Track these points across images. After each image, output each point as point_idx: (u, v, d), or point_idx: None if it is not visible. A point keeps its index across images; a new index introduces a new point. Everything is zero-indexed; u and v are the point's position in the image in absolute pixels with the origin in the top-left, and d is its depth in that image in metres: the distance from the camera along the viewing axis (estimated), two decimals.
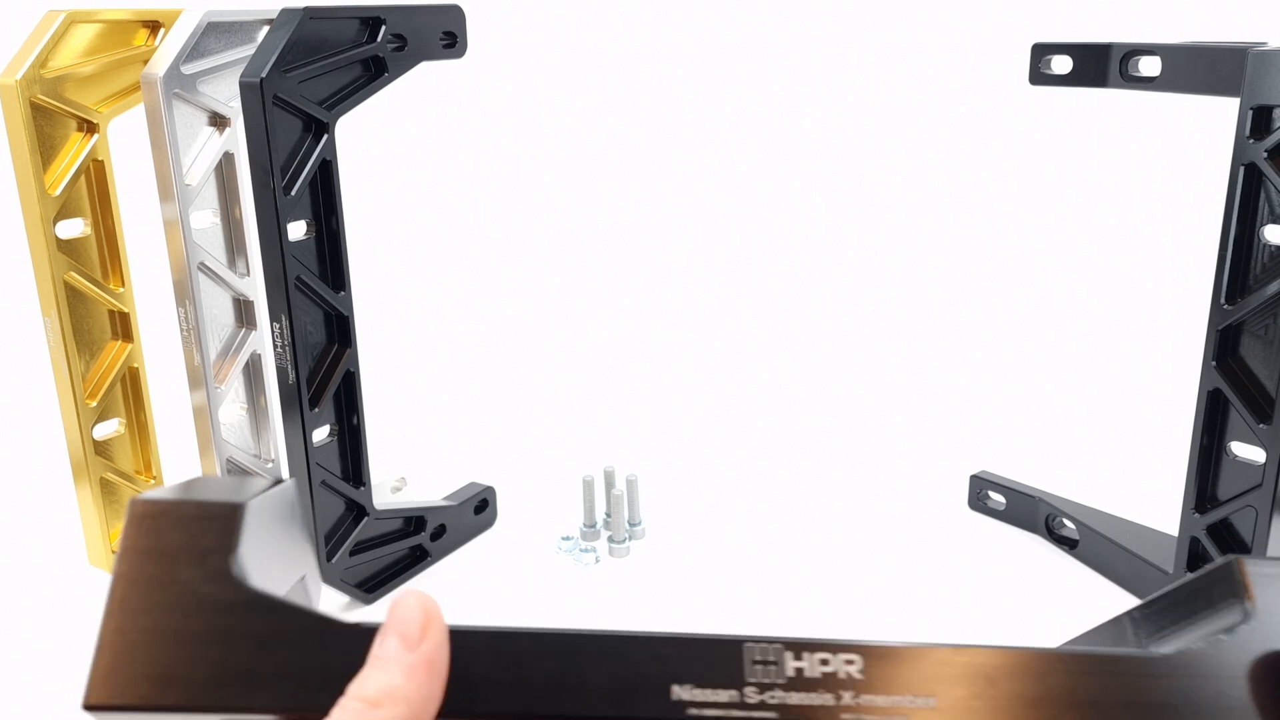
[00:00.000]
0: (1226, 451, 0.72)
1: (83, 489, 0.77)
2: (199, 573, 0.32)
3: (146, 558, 0.32)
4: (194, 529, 0.32)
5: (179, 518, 0.33)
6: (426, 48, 0.77)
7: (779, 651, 0.33)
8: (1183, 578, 0.36)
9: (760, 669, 0.32)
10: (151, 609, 0.32)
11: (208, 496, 0.34)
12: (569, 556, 0.87)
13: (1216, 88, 0.68)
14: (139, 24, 0.74)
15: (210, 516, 0.33)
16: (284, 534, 0.38)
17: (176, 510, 0.33)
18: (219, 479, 0.40)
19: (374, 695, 0.30)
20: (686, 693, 0.32)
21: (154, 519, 0.33)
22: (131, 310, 0.77)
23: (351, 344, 0.78)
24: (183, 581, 0.32)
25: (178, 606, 0.32)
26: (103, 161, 0.74)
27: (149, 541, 0.32)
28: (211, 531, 0.32)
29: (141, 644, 0.32)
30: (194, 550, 0.32)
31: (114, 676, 0.31)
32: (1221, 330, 0.69)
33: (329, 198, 0.74)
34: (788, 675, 0.32)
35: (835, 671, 0.32)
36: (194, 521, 0.33)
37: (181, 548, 0.32)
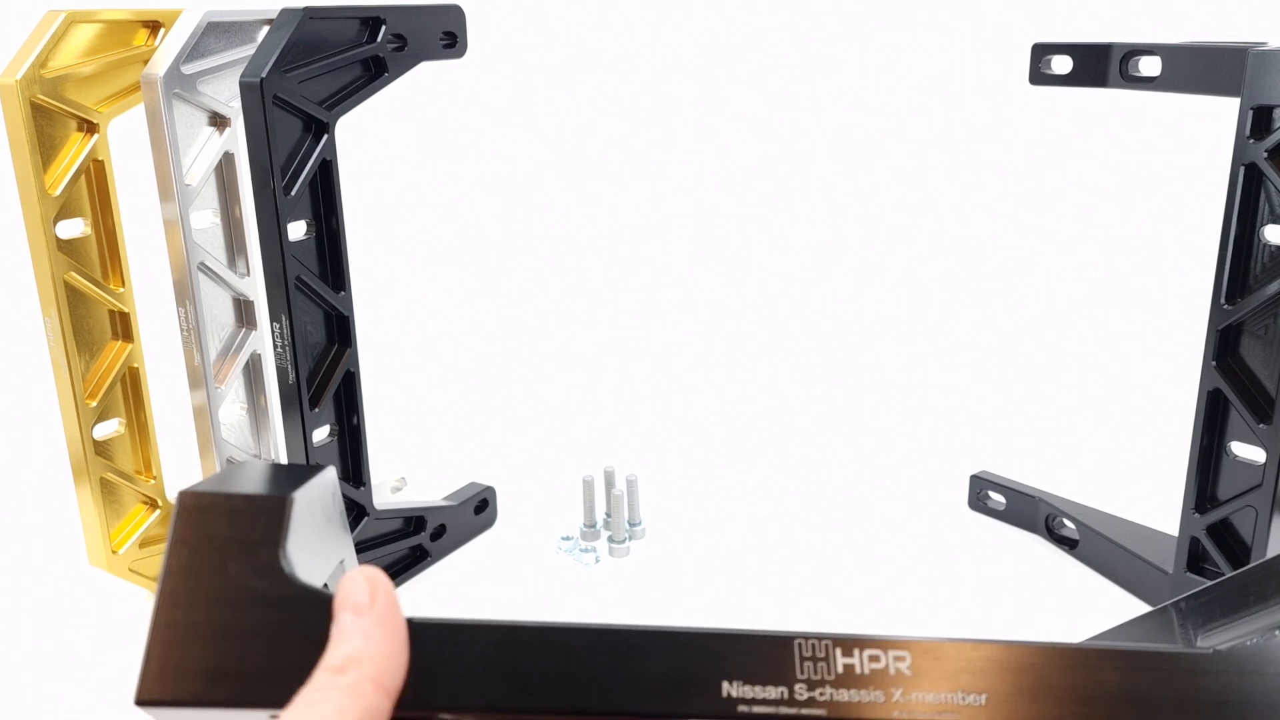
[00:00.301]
0: (1226, 451, 0.72)
1: (83, 489, 0.77)
2: (248, 566, 0.32)
3: (195, 551, 0.32)
4: (242, 522, 0.33)
5: (227, 511, 0.33)
6: (426, 48, 0.77)
7: (829, 648, 0.33)
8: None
9: (810, 665, 0.32)
10: (201, 603, 0.32)
11: (254, 488, 0.34)
12: (569, 556, 0.87)
13: (1216, 88, 0.68)
14: (139, 24, 0.74)
15: (258, 510, 0.33)
16: (325, 521, 0.38)
17: (225, 504, 0.33)
18: (262, 465, 0.40)
19: (338, 663, 0.31)
20: (736, 689, 0.32)
21: (202, 512, 0.33)
22: (131, 310, 0.77)
23: (351, 344, 0.78)
24: (232, 575, 0.32)
25: (227, 600, 0.32)
26: (103, 161, 0.73)
27: (197, 534, 0.32)
28: (260, 525, 0.33)
29: (192, 638, 0.31)
30: (243, 543, 0.32)
31: (165, 672, 0.31)
32: (1221, 330, 0.69)
33: (329, 198, 0.74)
34: (837, 672, 0.32)
35: (885, 668, 0.32)
36: (242, 515, 0.33)
37: (230, 540, 0.32)
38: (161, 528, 0.82)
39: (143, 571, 0.80)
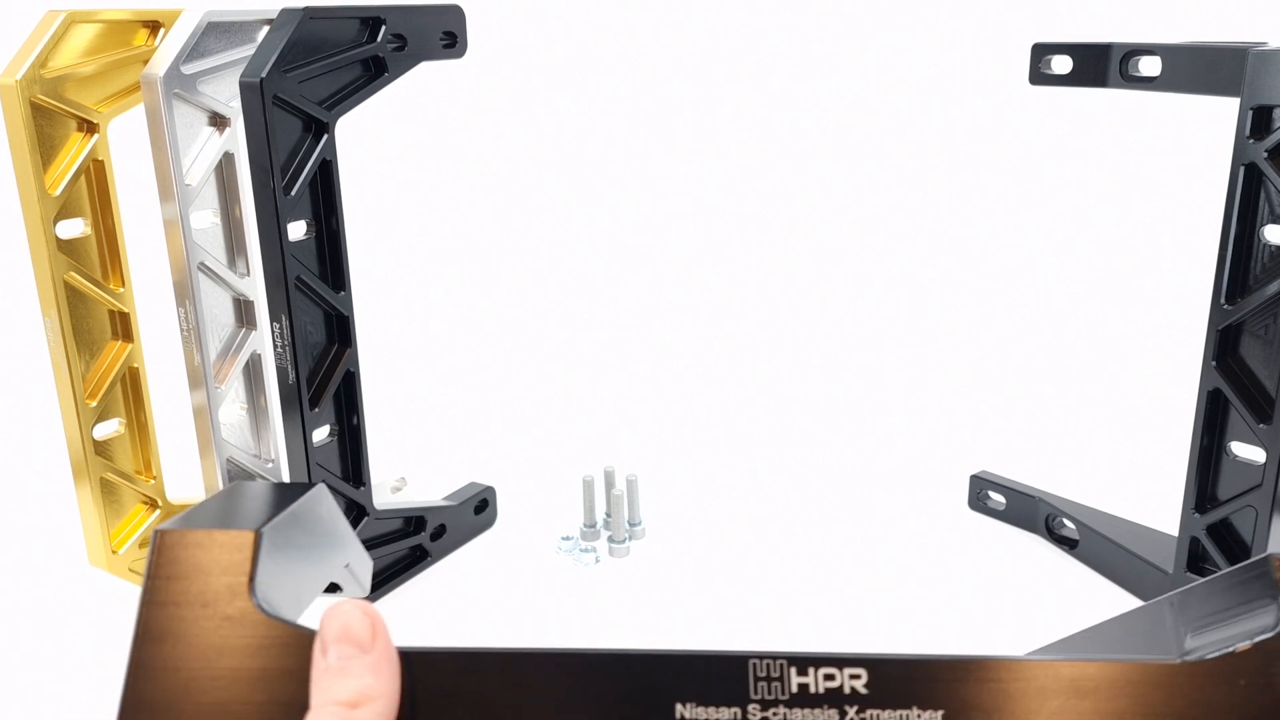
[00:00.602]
0: (1226, 451, 0.72)
1: (83, 489, 0.77)
2: (220, 604, 0.33)
3: (169, 588, 0.33)
4: (213, 558, 0.33)
5: (198, 547, 0.34)
6: (426, 48, 0.77)
7: (783, 667, 0.32)
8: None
9: (764, 685, 0.32)
10: (175, 642, 0.32)
11: (228, 521, 0.35)
12: (569, 556, 0.87)
13: (1216, 88, 0.68)
14: (139, 24, 0.74)
15: (226, 546, 0.34)
16: (316, 537, 0.38)
17: (195, 540, 0.34)
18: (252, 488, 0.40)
19: (351, 697, 0.31)
20: (690, 710, 0.32)
21: (175, 549, 0.34)
22: (131, 310, 0.77)
23: (351, 344, 0.78)
24: (205, 615, 0.33)
25: (200, 641, 0.32)
26: (103, 161, 0.73)
27: (170, 571, 0.33)
28: (229, 561, 0.33)
29: (166, 684, 0.32)
30: (214, 581, 0.33)
31: (142, 710, 0.32)
32: (1221, 330, 0.69)
33: (329, 198, 0.74)
34: (791, 691, 0.32)
35: (840, 686, 0.32)
36: (213, 551, 0.34)
37: (203, 578, 0.33)
38: None
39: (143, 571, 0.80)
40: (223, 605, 0.33)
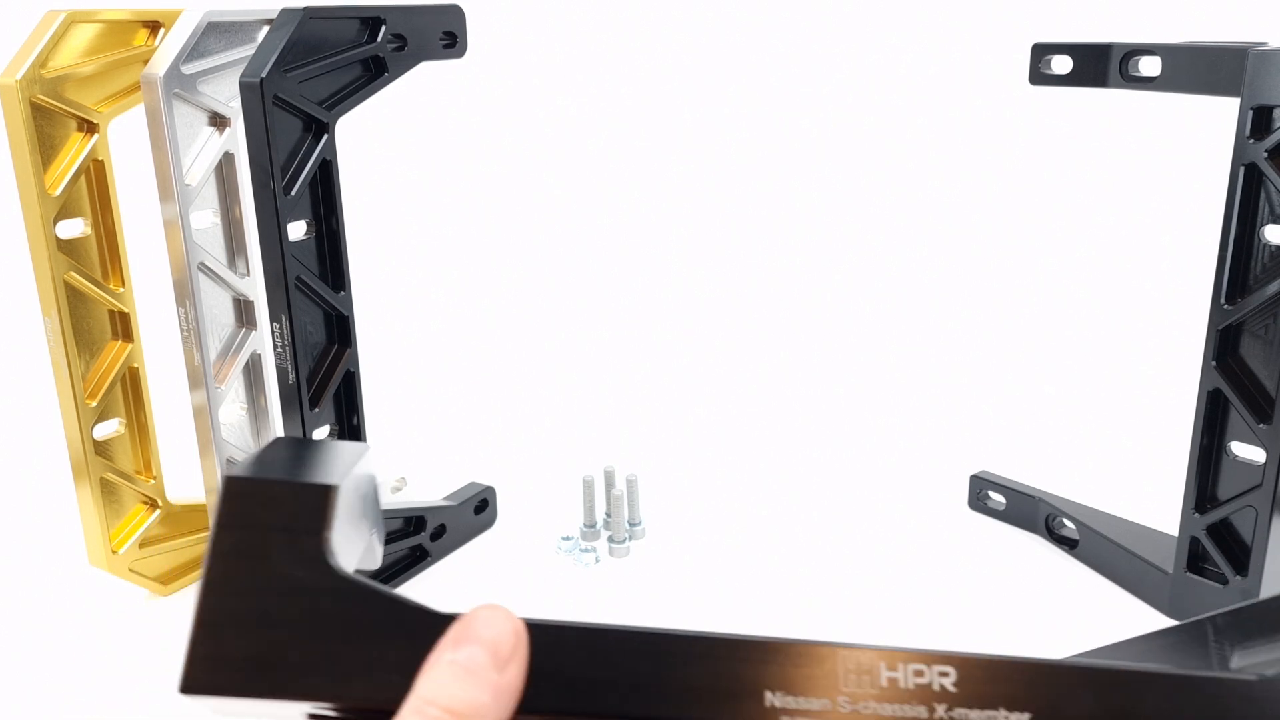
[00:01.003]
0: (1226, 451, 0.72)
1: (83, 489, 0.77)
2: (292, 556, 0.32)
3: (239, 537, 0.32)
4: (287, 510, 0.32)
5: (272, 498, 0.32)
6: (426, 48, 0.77)
7: (873, 660, 0.32)
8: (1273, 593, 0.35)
9: (854, 678, 0.32)
10: (245, 591, 0.31)
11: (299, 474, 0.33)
12: (569, 556, 0.87)
13: (1216, 88, 0.68)
14: (139, 24, 0.74)
15: (303, 498, 0.32)
16: (363, 503, 0.37)
17: (269, 490, 0.32)
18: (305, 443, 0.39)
19: (460, 708, 0.29)
20: (779, 699, 0.32)
21: (247, 498, 0.32)
22: (131, 310, 0.77)
23: (351, 344, 0.78)
24: (276, 564, 0.32)
25: (271, 590, 0.31)
26: (103, 161, 0.73)
27: (242, 521, 0.32)
28: (304, 513, 0.32)
29: (236, 627, 0.31)
30: (287, 531, 0.32)
31: (209, 662, 0.31)
32: (1221, 330, 0.69)
33: (329, 198, 0.74)
34: (881, 685, 0.32)
35: (929, 683, 0.31)
36: (287, 502, 0.32)
37: (274, 528, 0.32)
38: (162, 528, 0.82)
39: (143, 571, 0.81)
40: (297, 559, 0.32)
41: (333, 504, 0.32)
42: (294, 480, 0.33)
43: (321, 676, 0.31)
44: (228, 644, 0.31)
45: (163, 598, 0.82)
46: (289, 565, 0.32)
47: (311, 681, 0.31)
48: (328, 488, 0.32)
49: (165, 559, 0.82)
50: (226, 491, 0.32)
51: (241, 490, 0.32)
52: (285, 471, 0.34)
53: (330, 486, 0.32)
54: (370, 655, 0.31)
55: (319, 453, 0.37)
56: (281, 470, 0.34)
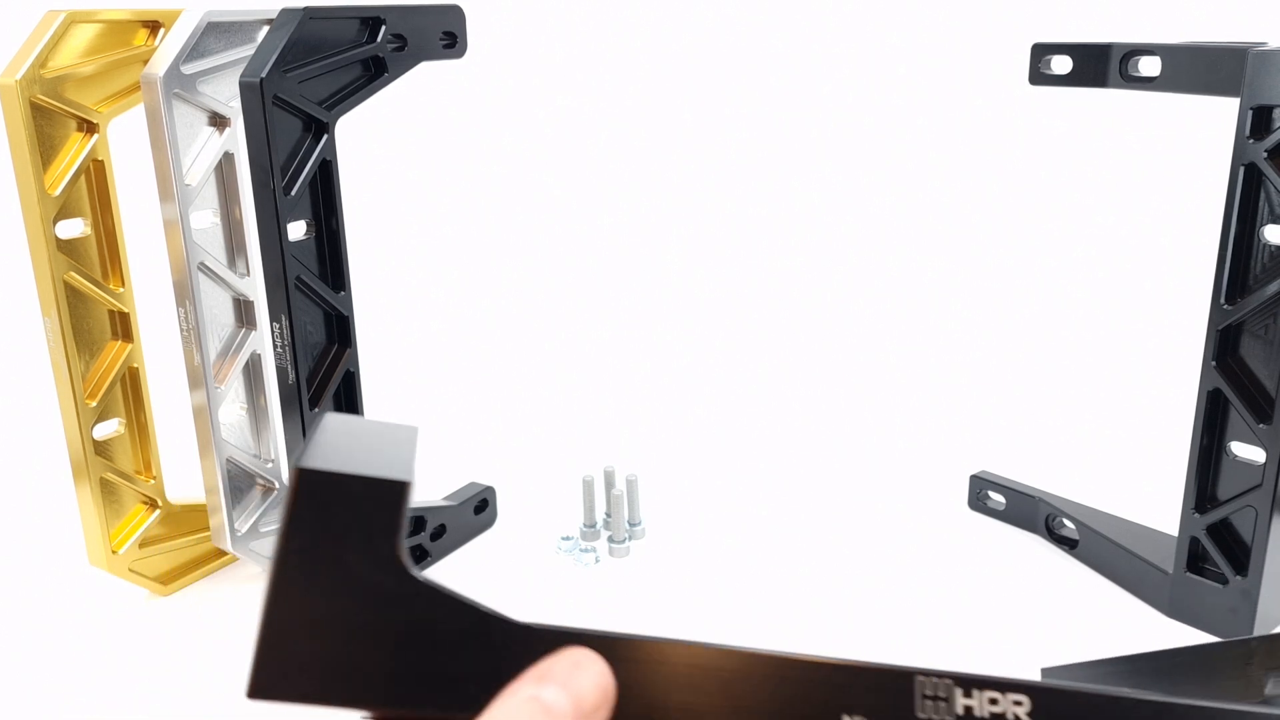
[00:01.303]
0: (1226, 451, 0.72)
1: (83, 489, 0.77)
2: (366, 557, 0.30)
3: (312, 534, 0.30)
4: (362, 507, 0.30)
5: (346, 493, 0.30)
6: (426, 48, 0.77)
7: (949, 687, 0.32)
8: None
9: (930, 704, 0.32)
10: (316, 592, 0.30)
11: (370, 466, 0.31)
12: (569, 556, 0.87)
13: (1216, 88, 0.68)
14: (139, 24, 0.74)
15: (377, 495, 0.30)
16: None
17: (344, 485, 0.30)
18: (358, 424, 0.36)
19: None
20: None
21: (321, 492, 0.30)
22: (131, 310, 0.77)
23: (351, 344, 0.78)
24: (349, 565, 0.30)
25: (344, 592, 0.30)
26: (103, 161, 0.73)
27: (315, 516, 0.30)
28: (380, 511, 0.30)
29: (307, 631, 0.30)
30: (361, 531, 0.30)
31: (278, 666, 0.30)
32: (1221, 330, 0.69)
33: (329, 198, 0.74)
34: (957, 713, 0.31)
35: (1003, 712, 0.31)
36: (362, 499, 0.30)
37: (347, 527, 0.30)
38: (162, 528, 0.82)
39: (143, 571, 0.81)
40: (371, 561, 0.30)
41: (406, 501, 0.31)
42: (368, 475, 0.31)
43: (396, 685, 0.30)
44: (298, 648, 0.30)
45: (163, 598, 0.82)
46: (363, 567, 0.30)
47: (381, 689, 0.30)
48: (402, 484, 0.31)
49: (165, 559, 0.82)
50: (299, 484, 0.30)
51: (315, 483, 0.30)
52: (355, 462, 0.31)
53: (405, 483, 0.31)
54: (446, 665, 0.30)
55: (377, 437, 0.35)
56: (349, 459, 0.32)
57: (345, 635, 0.30)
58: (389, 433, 0.35)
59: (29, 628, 0.79)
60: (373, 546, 0.30)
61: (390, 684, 0.30)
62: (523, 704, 0.29)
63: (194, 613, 0.80)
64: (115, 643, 0.77)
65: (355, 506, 0.30)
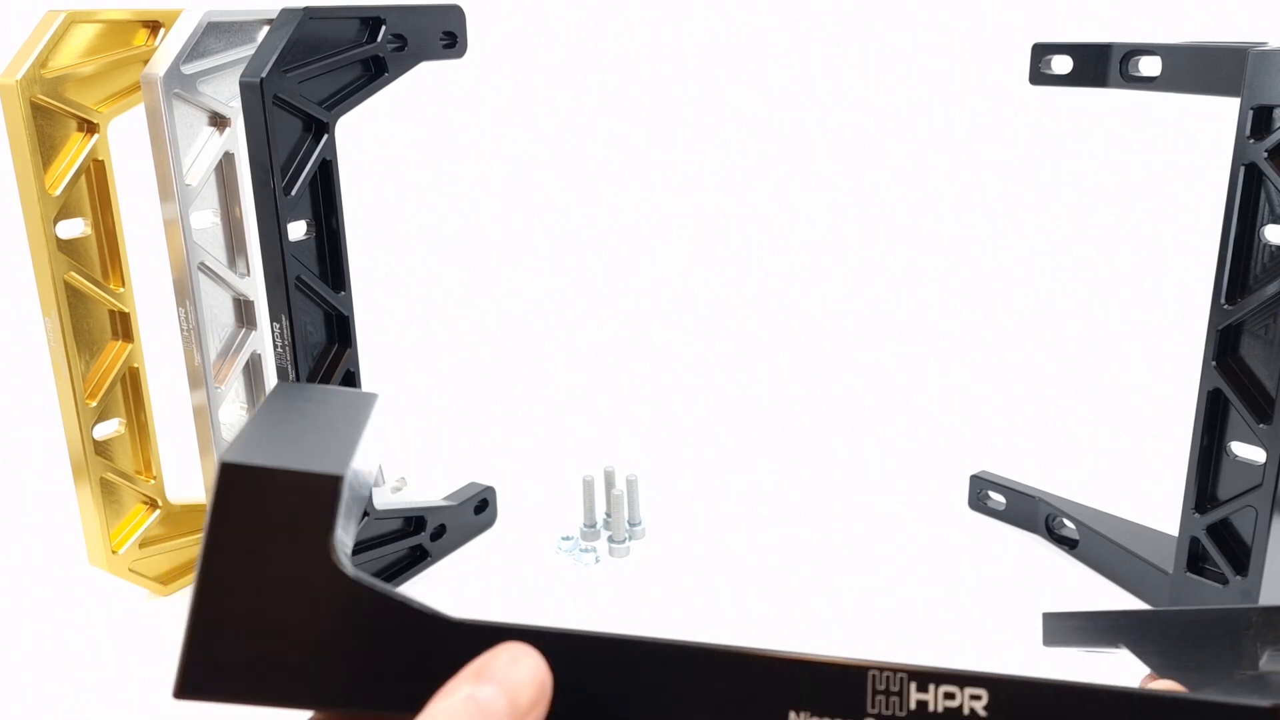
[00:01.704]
0: (1226, 451, 0.72)
1: (83, 489, 0.77)
2: (295, 554, 0.29)
3: (238, 532, 0.29)
4: (290, 502, 0.29)
5: (273, 488, 0.29)
6: (426, 48, 0.77)
7: (903, 681, 0.30)
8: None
9: (882, 699, 0.30)
10: (244, 590, 0.29)
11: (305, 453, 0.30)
12: (569, 556, 0.87)
13: (1216, 88, 0.68)
14: (139, 24, 0.74)
15: (307, 489, 0.29)
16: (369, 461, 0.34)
17: (270, 480, 0.29)
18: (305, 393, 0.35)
19: None
20: (804, 719, 0.30)
21: (246, 488, 0.29)
22: (131, 310, 0.77)
23: (351, 344, 0.78)
24: (277, 562, 0.29)
25: (272, 589, 0.29)
26: (103, 161, 0.73)
27: (241, 513, 0.29)
28: (309, 506, 0.29)
29: (234, 629, 0.29)
30: (289, 527, 0.29)
31: (206, 665, 0.29)
32: (1221, 330, 0.69)
33: (329, 198, 0.74)
34: (910, 708, 0.30)
35: (960, 706, 0.30)
36: (290, 494, 0.29)
37: (275, 523, 0.29)
38: (162, 528, 0.82)
39: (143, 571, 0.81)
40: (300, 558, 0.29)
41: (339, 496, 0.30)
42: (297, 469, 0.30)
43: (326, 683, 0.29)
44: (226, 646, 0.29)
45: (163, 598, 0.82)
46: (291, 564, 0.29)
47: (315, 688, 0.29)
48: (334, 479, 0.30)
49: (165, 559, 0.82)
50: (222, 480, 0.29)
51: (239, 480, 0.29)
52: (288, 451, 0.31)
53: (336, 477, 0.30)
54: (377, 662, 0.30)
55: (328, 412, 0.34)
56: (284, 447, 0.31)
57: (275, 633, 0.29)
58: (343, 405, 0.34)
59: (29, 628, 0.79)
60: (302, 543, 0.29)
61: (323, 683, 0.29)
62: (459, 703, 0.28)
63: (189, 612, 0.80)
64: (115, 643, 0.77)
65: (283, 502, 0.29)
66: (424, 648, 0.30)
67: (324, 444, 0.32)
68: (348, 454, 0.31)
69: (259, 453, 0.30)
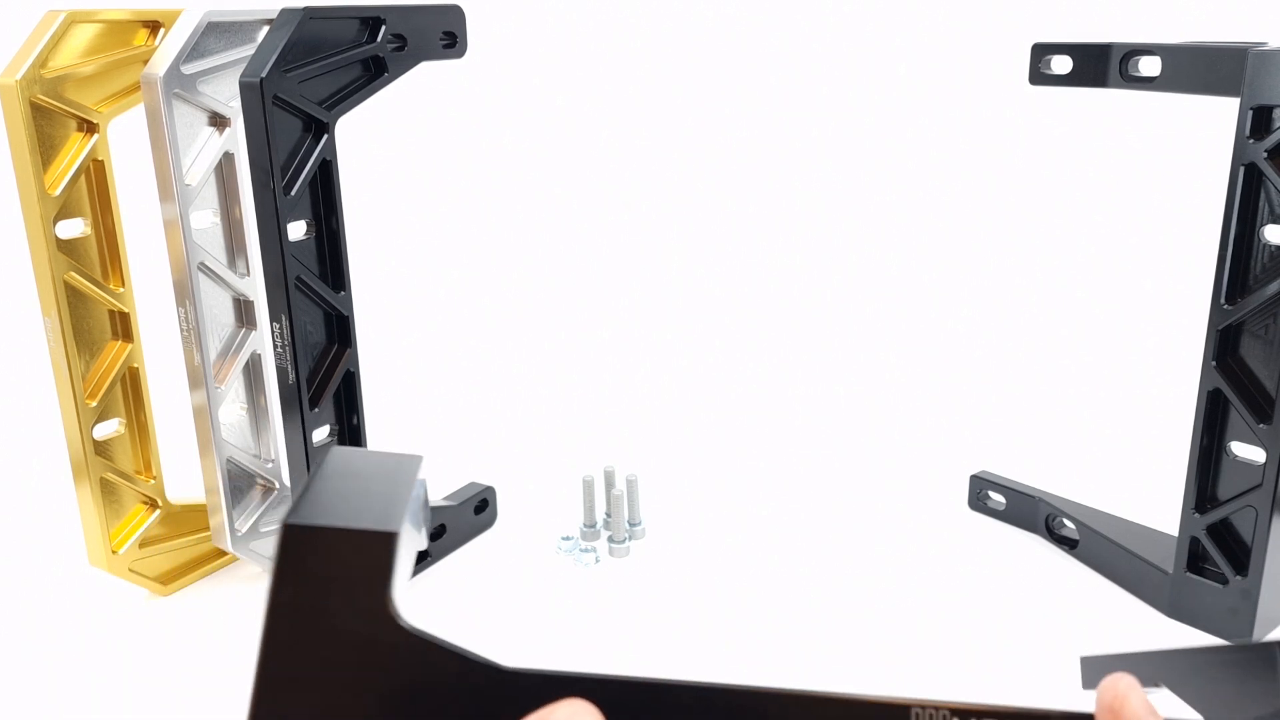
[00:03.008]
0: (1226, 451, 0.72)
1: (83, 489, 0.77)
2: (355, 609, 0.31)
3: (299, 590, 0.31)
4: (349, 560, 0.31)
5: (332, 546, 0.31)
6: (426, 48, 0.77)
7: (945, 717, 0.31)
8: None
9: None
10: (307, 647, 0.30)
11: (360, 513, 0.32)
12: (569, 556, 0.87)
13: (1216, 88, 0.68)
14: (139, 24, 0.74)
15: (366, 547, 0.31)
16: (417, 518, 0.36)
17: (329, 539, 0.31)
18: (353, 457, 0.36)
19: None
20: None
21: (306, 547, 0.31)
22: (131, 310, 0.77)
23: (351, 344, 0.78)
24: (338, 617, 0.30)
25: (334, 644, 0.30)
26: (103, 161, 0.73)
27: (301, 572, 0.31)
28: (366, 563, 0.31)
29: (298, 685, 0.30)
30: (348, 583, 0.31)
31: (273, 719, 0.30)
32: (1221, 330, 0.69)
33: (329, 198, 0.74)
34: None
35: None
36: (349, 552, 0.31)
37: (335, 580, 0.31)
38: (161, 528, 0.82)
39: (143, 571, 0.81)
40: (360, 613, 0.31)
41: (394, 552, 0.31)
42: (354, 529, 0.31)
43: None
44: (291, 702, 0.30)
45: (163, 598, 0.82)
46: (352, 619, 0.30)
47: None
48: (389, 535, 0.31)
49: (165, 559, 0.82)
50: (284, 540, 0.31)
51: (299, 539, 0.31)
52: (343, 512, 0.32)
53: (391, 534, 0.31)
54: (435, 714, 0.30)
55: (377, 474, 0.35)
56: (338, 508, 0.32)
57: (337, 688, 0.30)
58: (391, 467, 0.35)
59: (29, 628, 0.79)
60: (361, 599, 0.30)
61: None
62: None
63: (194, 613, 0.80)
64: (115, 643, 0.77)
65: (342, 560, 0.31)
66: (478, 697, 0.31)
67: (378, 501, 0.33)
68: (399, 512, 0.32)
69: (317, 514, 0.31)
